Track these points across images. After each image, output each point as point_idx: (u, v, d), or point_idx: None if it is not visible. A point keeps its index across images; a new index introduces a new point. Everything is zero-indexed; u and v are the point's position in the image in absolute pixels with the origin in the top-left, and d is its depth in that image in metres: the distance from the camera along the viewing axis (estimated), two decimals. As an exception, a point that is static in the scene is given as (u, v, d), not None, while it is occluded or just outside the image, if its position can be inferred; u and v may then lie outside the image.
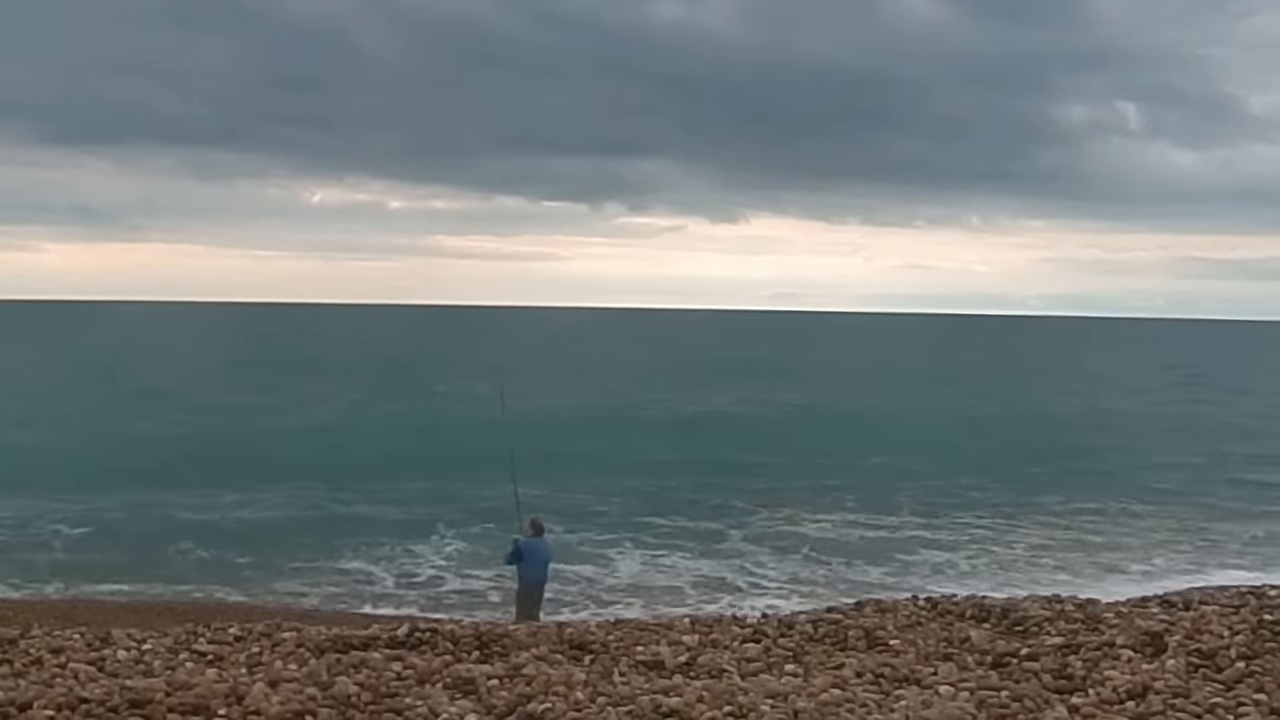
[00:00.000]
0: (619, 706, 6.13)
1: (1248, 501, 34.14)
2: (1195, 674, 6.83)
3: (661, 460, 39.70)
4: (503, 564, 17.67)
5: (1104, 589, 22.31)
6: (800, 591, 22.69)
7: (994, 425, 52.20)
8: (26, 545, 24.83)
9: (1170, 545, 27.88)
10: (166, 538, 25.74)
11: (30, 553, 24.21)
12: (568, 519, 26.79)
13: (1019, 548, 27.32)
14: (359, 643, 7.56)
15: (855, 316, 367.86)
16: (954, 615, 8.64)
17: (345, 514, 29.05)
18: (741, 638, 7.92)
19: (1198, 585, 14.89)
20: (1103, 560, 26.15)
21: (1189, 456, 43.52)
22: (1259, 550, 27.43)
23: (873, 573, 24.59)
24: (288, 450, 39.99)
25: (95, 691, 6.15)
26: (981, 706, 6.21)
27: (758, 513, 30.81)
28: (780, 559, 25.56)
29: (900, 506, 31.59)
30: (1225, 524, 30.37)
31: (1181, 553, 27.11)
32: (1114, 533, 29.16)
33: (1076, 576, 24.16)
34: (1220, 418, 58.00)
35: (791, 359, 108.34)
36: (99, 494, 30.52)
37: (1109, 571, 25.02)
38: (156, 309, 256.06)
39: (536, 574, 16.49)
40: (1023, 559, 26.33)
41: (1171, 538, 28.71)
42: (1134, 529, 29.79)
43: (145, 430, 44.42)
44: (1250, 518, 31.33)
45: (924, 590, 14.91)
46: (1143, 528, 29.93)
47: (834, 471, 37.45)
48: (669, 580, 23.90)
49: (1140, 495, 34.16)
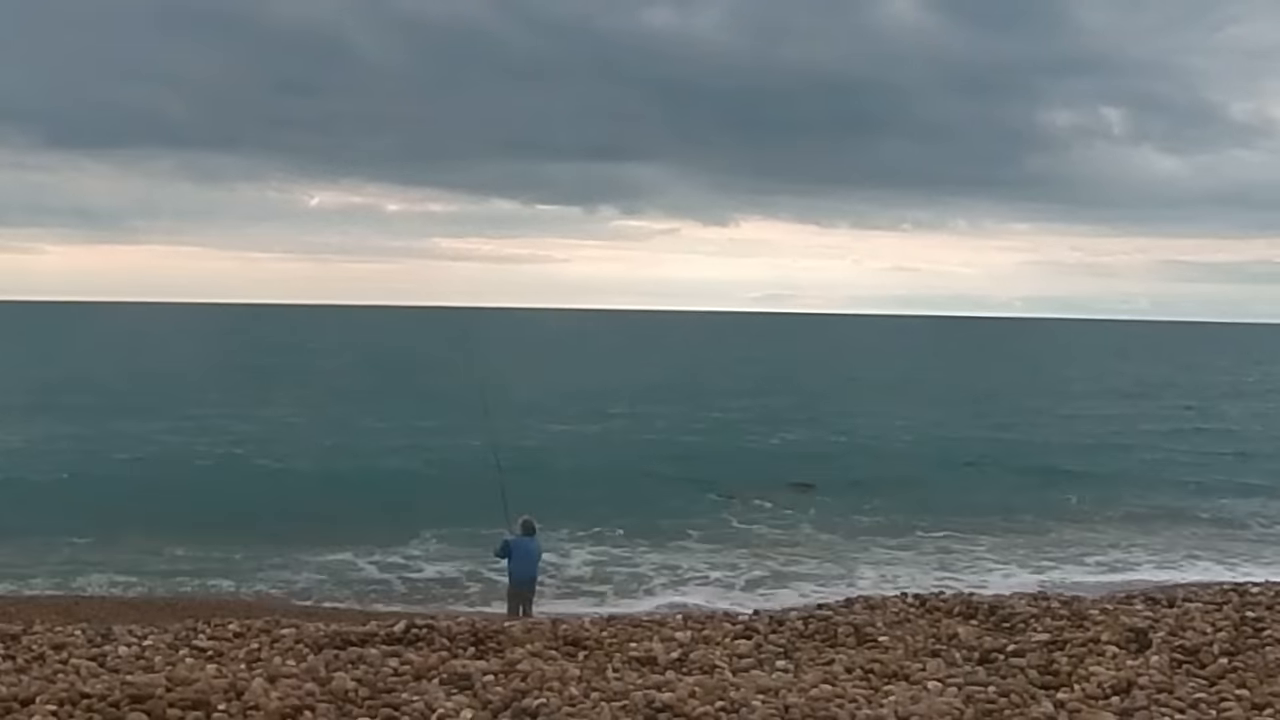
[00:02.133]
0: (613, 702, 6.21)
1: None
2: (1179, 670, 6.95)
3: (645, 459, 39.75)
4: (494, 557, 17.79)
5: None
6: (785, 589, 22.76)
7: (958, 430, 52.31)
8: (26, 544, 24.78)
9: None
10: (165, 535, 25.74)
11: (31, 550, 24.19)
12: (545, 517, 26.77)
13: (983, 545, 27.53)
14: (357, 639, 7.63)
15: (845, 318, 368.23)
16: (942, 612, 8.74)
17: (342, 514, 28.99)
18: (733, 634, 8.01)
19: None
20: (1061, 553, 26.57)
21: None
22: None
23: (857, 569, 24.69)
24: (283, 451, 39.96)
25: (97, 687, 6.22)
26: (969, 702, 6.31)
27: (738, 512, 30.84)
28: (760, 559, 25.61)
29: (884, 507, 31.65)
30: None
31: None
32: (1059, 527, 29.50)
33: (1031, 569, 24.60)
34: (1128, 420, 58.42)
35: (783, 360, 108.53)
36: (94, 495, 30.50)
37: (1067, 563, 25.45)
38: (155, 310, 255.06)
39: (526, 571, 16.62)
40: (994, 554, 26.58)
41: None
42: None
43: (139, 429, 44.32)
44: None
45: (911, 587, 15.03)
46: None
47: (824, 471, 37.54)
48: (632, 572, 24.05)
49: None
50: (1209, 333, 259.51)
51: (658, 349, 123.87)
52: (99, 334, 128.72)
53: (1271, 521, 31.59)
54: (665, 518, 29.21)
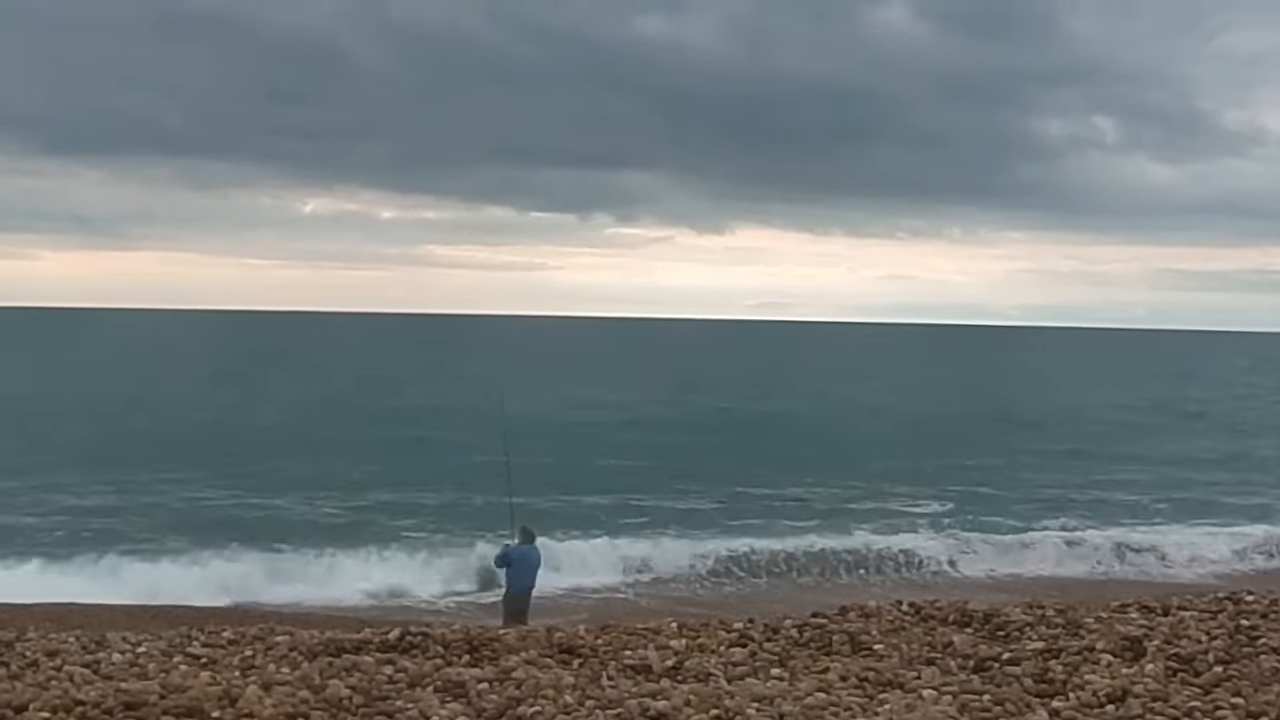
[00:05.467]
0: (607, 710, 6.20)
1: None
2: (1174, 678, 6.94)
3: (638, 466, 39.75)
4: (493, 565, 17.75)
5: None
6: (780, 597, 22.77)
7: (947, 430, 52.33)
8: (20, 548, 24.77)
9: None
10: (158, 541, 25.71)
11: (23, 555, 24.16)
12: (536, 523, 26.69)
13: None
14: (351, 646, 7.62)
15: (840, 326, 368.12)
16: (937, 620, 8.72)
17: (339, 517, 29.02)
18: (728, 642, 7.99)
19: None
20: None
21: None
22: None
23: (847, 578, 24.70)
24: (280, 455, 39.91)
25: (90, 694, 6.21)
26: (964, 710, 6.31)
27: (734, 517, 30.84)
28: (755, 564, 25.59)
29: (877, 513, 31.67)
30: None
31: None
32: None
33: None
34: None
35: (778, 368, 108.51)
36: (90, 498, 30.46)
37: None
38: (151, 316, 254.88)
39: (524, 580, 16.60)
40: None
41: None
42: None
43: (133, 433, 44.25)
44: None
45: (907, 595, 14.99)
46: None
47: (816, 476, 37.54)
48: (623, 578, 24.02)
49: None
50: (1210, 341, 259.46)
51: (652, 355, 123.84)
52: (94, 340, 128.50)
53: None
54: (656, 521, 29.24)
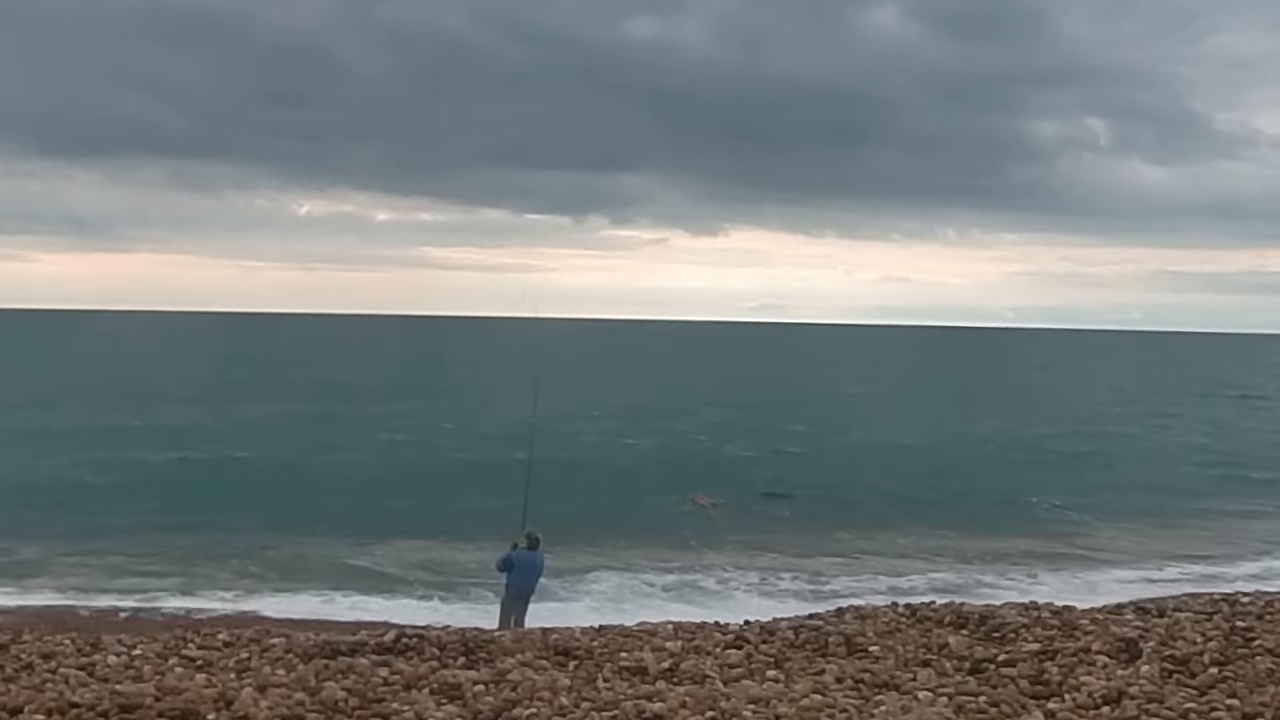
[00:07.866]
0: (603, 712, 6.20)
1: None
2: (1169, 679, 6.95)
3: (636, 467, 39.73)
4: (495, 569, 17.67)
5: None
6: (776, 599, 22.73)
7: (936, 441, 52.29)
8: (16, 553, 24.71)
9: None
10: (154, 545, 25.67)
11: (20, 560, 24.11)
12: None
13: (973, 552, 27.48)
14: (346, 648, 7.61)
15: (836, 328, 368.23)
16: (933, 622, 8.73)
17: (335, 519, 28.92)
18: (724, 644, 7.98)
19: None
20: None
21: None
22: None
23: (846, 580, 24.65)
24: (278, 458, 39.87)
25: (85, 696, 6.20)
26: (960, 712, 6.31)
27: (730, 521, 30.80)
28: (751, 567, 25.56)
29: (878, 517, 31.62)
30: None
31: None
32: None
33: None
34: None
35: (774, 371, 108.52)
36: (87, 502, 30.44)
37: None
38: (146, 318, 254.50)
39: (525, 584, 16.55)
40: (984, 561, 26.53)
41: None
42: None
43: (127, 439, 44.20)
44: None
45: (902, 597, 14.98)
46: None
47: (818, 476, 37.54)
48: (620, 581, 23.96)
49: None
50: (1207, 343, 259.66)
51: (647, 358, 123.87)
52: (88, 342, 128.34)
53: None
54: (650, 526, 29.19)
